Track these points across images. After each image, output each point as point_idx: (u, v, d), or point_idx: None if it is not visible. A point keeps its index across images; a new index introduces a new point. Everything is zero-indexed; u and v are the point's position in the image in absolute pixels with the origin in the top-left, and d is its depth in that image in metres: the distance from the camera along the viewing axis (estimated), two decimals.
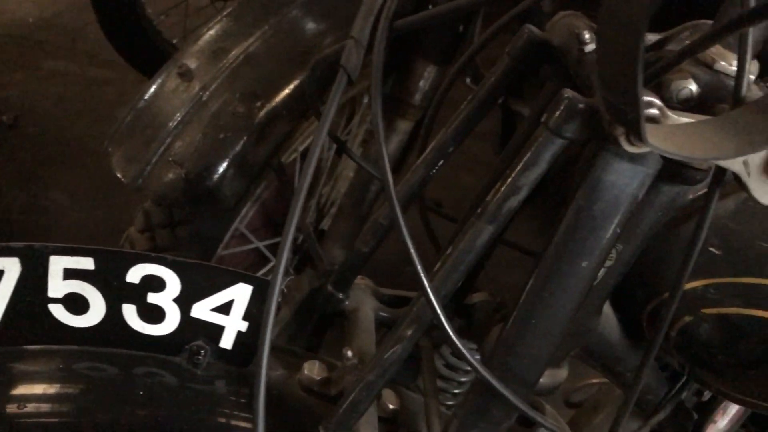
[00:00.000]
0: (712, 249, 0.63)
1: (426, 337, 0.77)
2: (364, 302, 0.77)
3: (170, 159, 1.05)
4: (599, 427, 1.08)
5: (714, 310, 0.62)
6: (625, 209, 0.51)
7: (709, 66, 0.51)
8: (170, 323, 0.65)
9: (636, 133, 0.39)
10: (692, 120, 0.45)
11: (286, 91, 1.09)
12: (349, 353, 0.68)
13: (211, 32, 1.14)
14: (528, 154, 0.50)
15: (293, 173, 1.49)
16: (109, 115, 2.17)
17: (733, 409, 0.94)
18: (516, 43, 0.60)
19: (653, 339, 0.58)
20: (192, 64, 1.10)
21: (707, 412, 0.89)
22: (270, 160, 1.12)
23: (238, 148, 1.07)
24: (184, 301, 0.64)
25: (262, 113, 1.08)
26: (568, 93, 0.48)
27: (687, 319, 0.63)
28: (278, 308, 0.66)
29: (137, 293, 0.63)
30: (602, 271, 0.60)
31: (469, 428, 0.58)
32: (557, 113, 0.48)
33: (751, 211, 0.62)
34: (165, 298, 0.64)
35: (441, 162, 0.66)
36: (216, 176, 1.05)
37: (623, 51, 0.35)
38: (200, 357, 0.66)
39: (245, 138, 1.07)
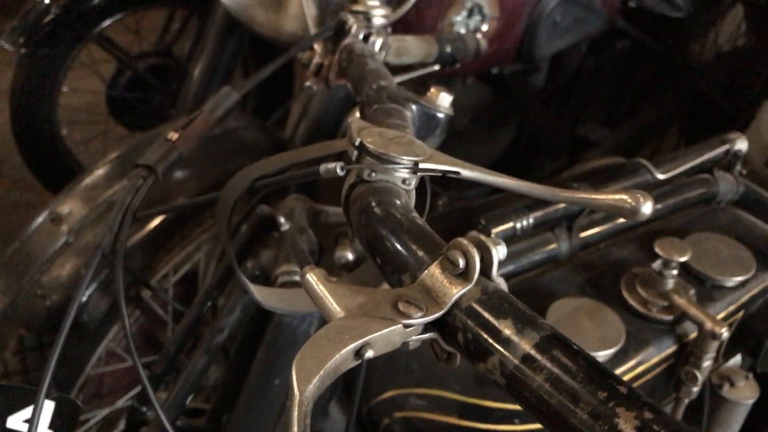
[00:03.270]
0: (410, 364, 0.84)
1: None
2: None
3: (38, 292, 1.24)
4: None
5: (403, 413, 0.82)
6: (284, 341, 0.72)
7: None
8: None
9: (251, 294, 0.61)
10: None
11: (142, 232, 1.31)
12: None
13: (84, 182, 1.36)
14: (226, 305, 0.71)
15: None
16: None
17: None
18: (253, 217, 0.83)
19: None
20: (64, 210, 1.31)
21: None
22: (128, 290, 1.32)
23: (98, 281, 1.26)
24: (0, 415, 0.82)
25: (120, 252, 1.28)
26: (251, 262, 0.70)
27: (386, 420, 0.83)
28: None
29: None
30: None
31: None
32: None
33: None
34: None
35: (209, 303, 0.87)
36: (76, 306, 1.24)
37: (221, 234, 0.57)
38: None
39: (105, 272, 1.27)
